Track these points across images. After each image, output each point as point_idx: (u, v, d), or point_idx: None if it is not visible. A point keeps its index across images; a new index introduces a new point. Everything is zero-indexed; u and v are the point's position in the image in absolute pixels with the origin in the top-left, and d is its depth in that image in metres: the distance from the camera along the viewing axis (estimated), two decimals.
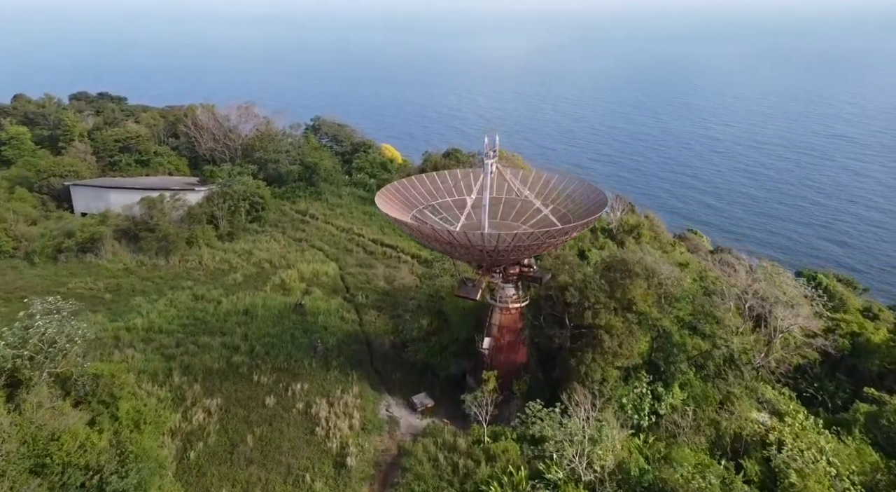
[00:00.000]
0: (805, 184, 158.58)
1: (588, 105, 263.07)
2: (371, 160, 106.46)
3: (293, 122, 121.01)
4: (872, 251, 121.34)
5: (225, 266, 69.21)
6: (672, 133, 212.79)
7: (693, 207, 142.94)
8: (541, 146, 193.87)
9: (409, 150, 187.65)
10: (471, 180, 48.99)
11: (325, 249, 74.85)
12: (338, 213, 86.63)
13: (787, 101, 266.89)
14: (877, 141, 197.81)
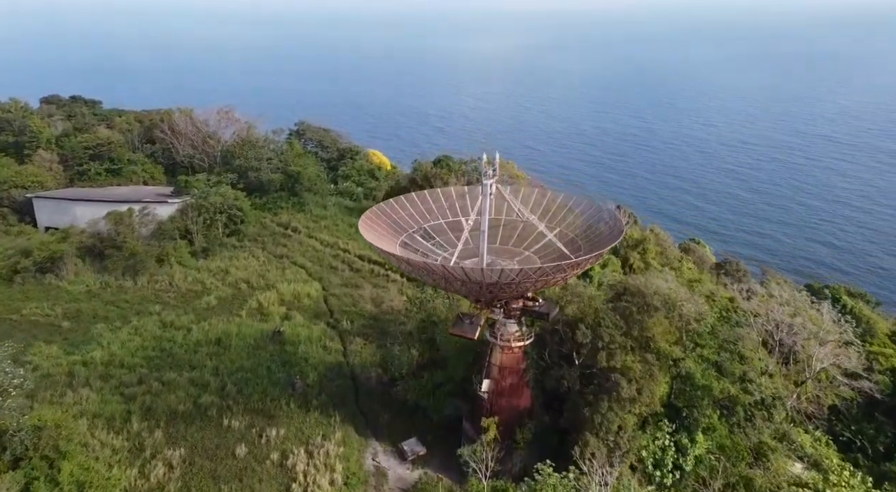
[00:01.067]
0: (791, 184, 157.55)
1: (573, 105, 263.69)
2: (358, 167, 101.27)
3: (276, 126, 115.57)
4: (859, 252, 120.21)
5: (198, 287, 63.65)
6: (657, 133, 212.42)
7: (679, 208, 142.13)
8: (526, 147, 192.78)
9: (397, 152, 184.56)
10: (466, 200, 43.91)
11: (308, 267, 69.49)
12: (322, 225, 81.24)
13: (772, 101, 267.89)
14: (862, 141, 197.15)
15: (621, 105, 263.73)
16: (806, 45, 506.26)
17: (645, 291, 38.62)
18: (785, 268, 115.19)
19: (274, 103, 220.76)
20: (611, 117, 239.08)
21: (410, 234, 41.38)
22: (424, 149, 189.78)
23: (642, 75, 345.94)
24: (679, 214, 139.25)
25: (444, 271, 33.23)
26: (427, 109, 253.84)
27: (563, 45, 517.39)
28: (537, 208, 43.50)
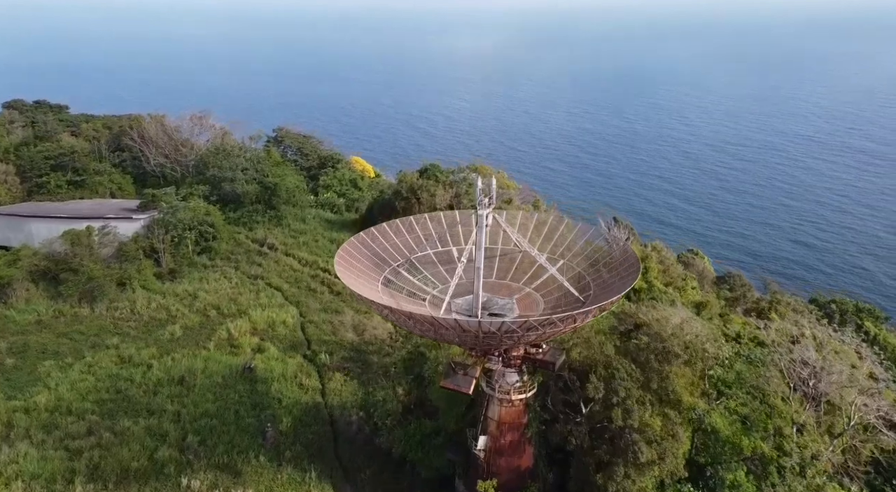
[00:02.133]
0: (772, 184, 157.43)
1: (554, 105, 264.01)
2: (340, 177, 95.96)
3: (254, 132, 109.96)
4: (840, 252, 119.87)
5: (162, 315, 58.06)
6: (639, 134, 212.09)
7: (660, 209, 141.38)
8: (509, 147, 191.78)
9: (380, 155, 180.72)
10: (458, 227, 39.01)
11: (285, 289, 64.16)
12: (301, 242, 75.84)
13: (751, 101, 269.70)
14: (839, 141, 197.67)
15: (602, 104, 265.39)
16: (784, 44, 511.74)
17: (662, 333, 33.87)
18: (770, 270, 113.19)
19: (251, 108, 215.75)
20: (592, 117, 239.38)
21: (395, 268, 36.35)
22: (408, 151, 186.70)
23: (623, 74, 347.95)
24: (661, 214, 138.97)
25: (435, 321, 28.23)
26: (410, 110, 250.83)
27: (540, 44, 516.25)
28: (536, 236, 38.71)
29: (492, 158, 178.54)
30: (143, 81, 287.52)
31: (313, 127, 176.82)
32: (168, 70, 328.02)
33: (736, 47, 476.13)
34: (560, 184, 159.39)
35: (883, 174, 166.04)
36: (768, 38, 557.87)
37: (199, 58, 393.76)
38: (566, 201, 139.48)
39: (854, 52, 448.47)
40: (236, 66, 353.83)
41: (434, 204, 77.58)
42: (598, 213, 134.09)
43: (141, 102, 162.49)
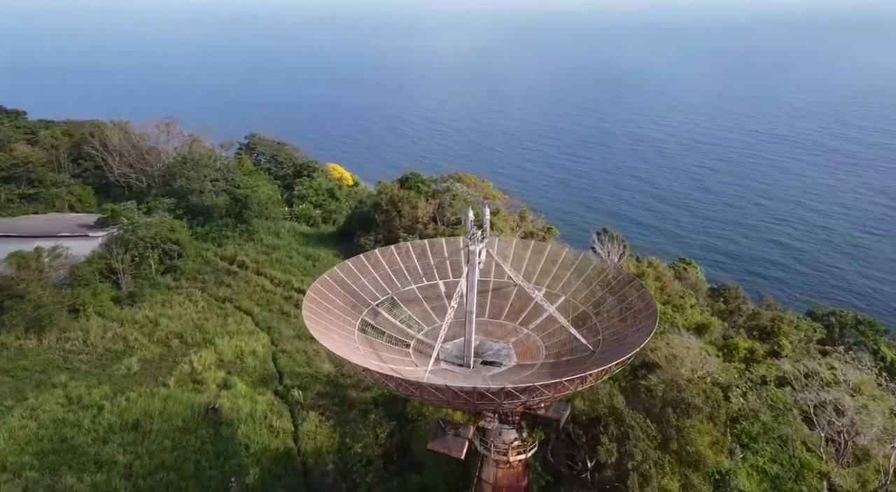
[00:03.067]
0: (745, 184, 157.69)
1: (530, 105, 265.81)
2: (316, 186, 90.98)
3: (225, 139, 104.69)
4: (814, 252, 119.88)
5: (119, 345, 52.84)
6: (614, 134, 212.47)
7: (638, 210, 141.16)
8: (487, 148, 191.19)
9: (359, 159, 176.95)
10: (445, 258, 34.62)
11: (255, 313, 59.23)
12: (274, 259, 70.85)
13: (725, 101, 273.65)
14: (811, 140, 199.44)
15: (578, 104, 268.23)
16: (759, 44, 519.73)
17: (678, 380, 29.79)
18: (747, 269, 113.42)
19: (223, 112, 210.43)
20: (568, 117, 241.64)
21: (374, 307, 31.83)
22: (385, 155, 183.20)
23: (599, 75, 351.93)
24: (638, 215, 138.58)
25: (421, 386, 23.79)
26: (387, 111, 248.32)
27: (517, 45, 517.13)
28: (533, 266, 34.47)
29: (468, 160, 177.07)
30: (110, 83, 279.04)
31: (288, 132, 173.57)
32: (136, 71, 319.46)
33: (712, 47, 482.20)
34: (537, 185, 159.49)
35: (854, 173, 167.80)
36: (744, 38, 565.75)
37: (168, 58, 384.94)
38: (551, 209, 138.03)
39: (826, 50, 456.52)
40: (207, 67, 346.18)
41: (416, 216, 73.24)
42: (587, 224, 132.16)
43: (108, 106, 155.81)
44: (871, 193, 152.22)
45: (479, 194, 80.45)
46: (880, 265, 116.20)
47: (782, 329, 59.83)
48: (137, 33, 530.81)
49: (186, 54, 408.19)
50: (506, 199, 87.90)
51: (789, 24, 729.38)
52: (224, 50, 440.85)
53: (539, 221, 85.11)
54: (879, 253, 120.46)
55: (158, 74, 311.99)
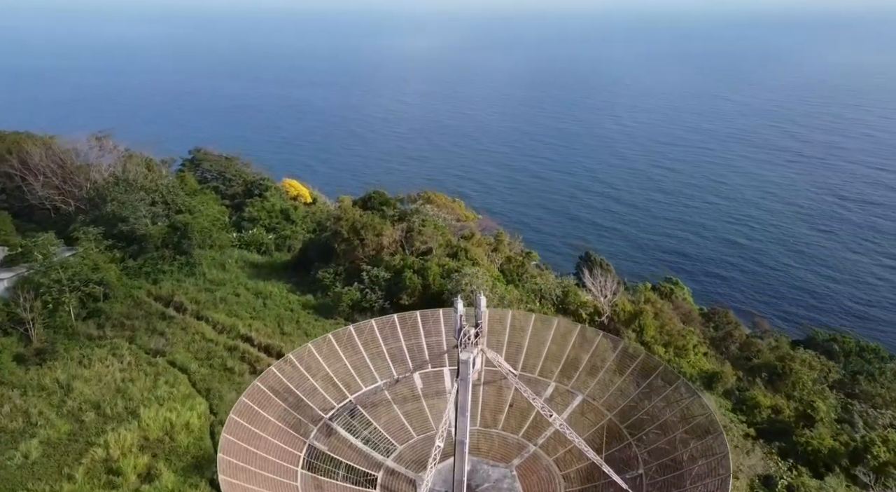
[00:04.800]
0: (700, 184, 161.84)
1: (490, 107, 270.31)
2: (269, 208, 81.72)
3: (167, 154, 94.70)
4: (770, 252, 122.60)
5: (17, 423, 43.09)
6: (575, 135, 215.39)
7: (599, 212, 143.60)
8: (446, 150, 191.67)
9: (314, 164, 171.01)
10: (421, 337, 26.52)
11: (192, 371, 50.04)
12: (218, 297, 61.53)
13: (685, 100, 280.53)
14: (764, 139, 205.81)
15: (540, 106, 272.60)
16: (717, 44, 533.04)
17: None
18: (705, 271, 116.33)
19: (167, 121, 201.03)
20: (528, 119, 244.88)
21: (327, 422, 23.51)
22: (344, 159, 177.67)
23: (561, 76, 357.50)
24: (598, 216, 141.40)
25: None
26: (345, 112, 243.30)
27: (481, 46, 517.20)
28: (536, 351, 26.57)
29: (429, 163, 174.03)
30: (40, 88, 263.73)
31: (238, 137, 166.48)
32: (71, 73, 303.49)
33: (674, 48, 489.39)
34: (498, 189, 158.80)
35: (804, 171, 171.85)
36: (703, 38, 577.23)
37: (110, 59, 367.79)
38: (511, 213, 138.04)
39: (782, 49, 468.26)
40: (153, 70, 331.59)
41: (381, 245, 64.87)
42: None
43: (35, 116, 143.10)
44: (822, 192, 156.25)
45: (451, 217, 72.48)
46: (834, 264, 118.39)
47: (794, 369, 53.41)
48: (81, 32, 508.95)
49: (132, 55, 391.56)
50: (479, 220, 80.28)
51: (746, 24, 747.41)
52: (175, 50, 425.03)
53: (516, 243, 77.67)
54: (832, 252, 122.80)
55: (95, 77, 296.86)
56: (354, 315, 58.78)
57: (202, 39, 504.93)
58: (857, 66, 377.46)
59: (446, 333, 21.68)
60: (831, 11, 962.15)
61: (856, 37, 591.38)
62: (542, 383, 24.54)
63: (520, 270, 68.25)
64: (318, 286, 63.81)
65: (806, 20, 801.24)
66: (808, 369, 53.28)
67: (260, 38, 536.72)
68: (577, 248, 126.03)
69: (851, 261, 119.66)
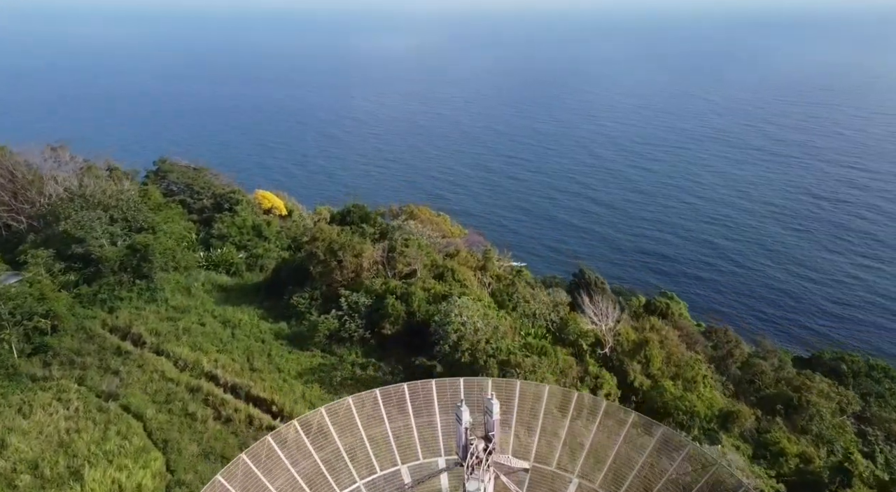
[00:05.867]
0: (676, 184, 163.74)
1: (469, 106, 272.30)
2: (240, 223, 75.99)
3: (130, 165, 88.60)
4: (745, 252, 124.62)
5: None
6: (550, 134, 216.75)
7: (577, 213, 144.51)
8: (423, 152, 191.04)
9: (289, 168, 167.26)
10: (411, 423, 21.44)
11: (148, 418, 44.46)
12: (181, 328, 55.84)
13: (660, 99, 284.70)
14: (739, 139, 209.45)
15: (516, 106, 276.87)
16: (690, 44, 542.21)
17: None
18: (685, 273, 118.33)
19: (129, 128, 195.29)
20: (505, 119, 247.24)
21: None
22: (324, 168, 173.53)
23: (537, 76, 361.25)
24: (573, 217, 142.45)
25: None
26: (317, 113, 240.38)
27: (458, 46, 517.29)
28: (554, 432, 21.67)
29: (405, 165, 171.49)
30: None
31: (208, 147, 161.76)
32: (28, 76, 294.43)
33: (649, 47, 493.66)
34: (475, 191, 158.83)
35: (778, 171, 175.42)
36: (682, 38, 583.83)
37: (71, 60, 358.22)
38: (487, 215, 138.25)
39: (756, 50, 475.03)
40: (118, 72, 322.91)
41: (360, 267, 59.68)
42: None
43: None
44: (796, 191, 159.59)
45: (436, 234, 67.50)
46: (809, 264, 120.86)
47: (811, 401, 49.28)
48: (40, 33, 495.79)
49: (95, 56, 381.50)
50: (466, 235, 75.43)
51: (723, 25, 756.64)
52: (143, 51, 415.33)
53: (505, 259, 72.93)
54: (807, 252, 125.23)
55: (53, 81, 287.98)
56: (332, 346, 53.72)
57: (172, 40, 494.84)
58: (829, 65, 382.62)
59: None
60: (806, 11, 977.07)
61: (829, 37, 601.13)
62: (562, 478, 19.77)
63: (510, 289, 63.63)
64: (292, 312, 58.49)
65: (780, 20, 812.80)
66: (826, 401, 49.24)
67: (232, 38, 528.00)
68: (556, 250, 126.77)
69: (828, 261, 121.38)
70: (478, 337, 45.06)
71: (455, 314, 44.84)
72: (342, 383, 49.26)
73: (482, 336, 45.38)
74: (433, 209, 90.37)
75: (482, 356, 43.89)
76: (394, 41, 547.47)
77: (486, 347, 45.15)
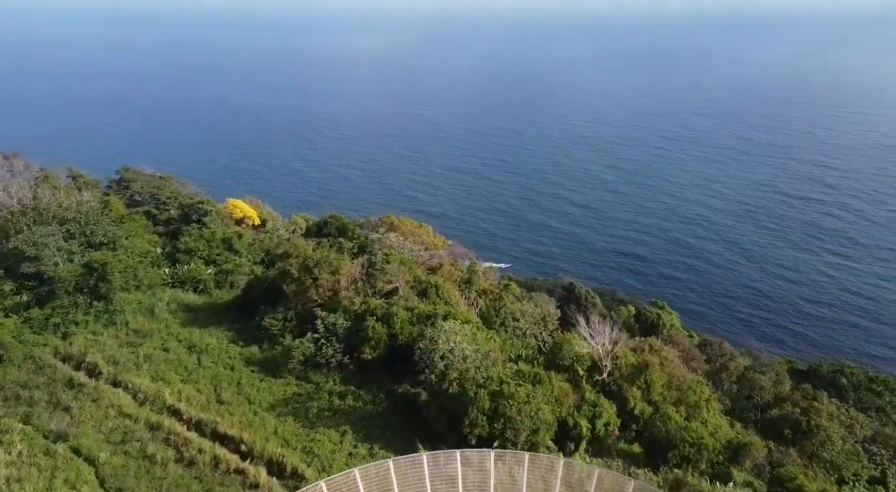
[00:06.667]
0: (648, 184, 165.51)
1: (444, 107, 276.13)
2: (209, 236, 71.34)
3: (93, 174, 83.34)
4: (717, 252, 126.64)
5: None
6: (523, 134, 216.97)
7: (554, 214, 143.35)
8: (398, 154, 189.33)
9: (261, 170, 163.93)
10: None
11: (101, 462, 39.97)
12: (142, 355, 51.25)
13: (631, 99, 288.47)
14: (710, 139, 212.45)
15: (491, 107, 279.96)
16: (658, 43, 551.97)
17: None
18: (662, 274, 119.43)
19: (92, 134, 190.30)
20: (480, 120, 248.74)
21: None
22: (297, 171, 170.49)
23: (508, 76, 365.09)
24: (553, 218, 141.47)
25: None
26: (293, 115, 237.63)
27: (430, 46, 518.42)
28: None
29: (379, 167, 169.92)
30: None
31: (176, 151, 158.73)
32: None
33: (623, 47, 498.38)
34: (449, 192, 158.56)
35: (749, 169, 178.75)
36: (649, 37, 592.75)
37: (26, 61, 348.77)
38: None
39: (719, 47, 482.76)
40: (76, 74, 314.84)
41: (337, 284, 55.64)
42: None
43: None
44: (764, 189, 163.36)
45: (418, 247, 63.65)
46: (783, 262, 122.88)
47: (821, 425, 46.44)
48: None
49: (54, 57, 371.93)
50: (449, 246, 71.73)
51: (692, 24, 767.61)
52: (106, 53, 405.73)
53: (491, 270, 69.39)
54: (780, 251, 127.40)
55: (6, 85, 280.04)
56: (308, 372, 49.60)
57: (137, 40, 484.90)
58: (795, 65, 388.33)
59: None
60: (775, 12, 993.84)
61: (795, 37, 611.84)
62: None
63: (497, 304, 60.10)
64: (264, 335, 54.22)
65: (748, 21, 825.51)
66: (838, 425, 46.48)
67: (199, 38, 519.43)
68: (534, 252, 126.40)
69: (802, 260, 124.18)
70: (466, 365, 41.29)
71: (442, 341, 41.02)
72: (319, 415, 45.24)
73: (471, 364, 41.65)
74: (412, 216, 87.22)
75: (472, 387, 40.18)
76: (370, 41, 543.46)
77: (475, 375, 41.43)
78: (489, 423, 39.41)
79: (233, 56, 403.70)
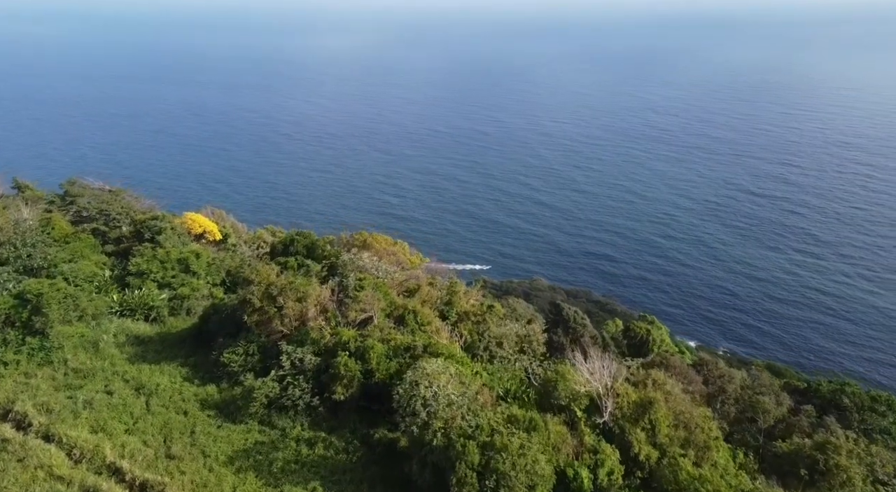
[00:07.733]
0: (617, 184, 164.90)
1: (410, 107, 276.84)
2: (162, 256, 65.02)
3: (38, 186, 76.26)
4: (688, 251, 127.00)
5: None
6: (490, 135, 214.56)
7: (522, 215, 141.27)
8: (365, 155, 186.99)
9: (227, 180, 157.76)
10: None
11: None
12: (81, 400, 45.02)
13: (600, 98, 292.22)
14: (679, 139, 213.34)
15: (457, 107, 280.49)
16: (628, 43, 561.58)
17: None
18: (631, 275, 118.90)
19: (35, 141, 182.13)
20: (446, 121, 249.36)
21: None
22: (261, 174, 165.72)
23: (475, 76, 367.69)
24: (523, 220, 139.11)
25: None
26: (255, 116, 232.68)
27: (400, 45, 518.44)
28: None
29: (346, 170, 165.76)
30: None
31: (129, 155, 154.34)
32: None
33: (589, 47, 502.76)
34: (417, 194, 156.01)
35: (715, 168, 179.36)
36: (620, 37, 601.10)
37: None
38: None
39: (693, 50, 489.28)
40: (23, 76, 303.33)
41: (304, 313, 50.13)
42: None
43: None
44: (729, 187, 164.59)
45: (394, 268, 58.38)
46: (748, 261, 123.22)
47: (840, 465, 42.58)
48: None
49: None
50: (426, 262, 66.63)
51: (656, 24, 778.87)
52: (57, 52, 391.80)
53: (474, 292, 64.57)
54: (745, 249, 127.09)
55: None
56: (272, 416, 44.05)
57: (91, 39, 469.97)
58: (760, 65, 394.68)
59: None
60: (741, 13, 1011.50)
61: (760, 37, 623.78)
62: None
63: (480, 328, 55.29)
64: (223, 372, 48.45)
65: (714, 21, 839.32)
66: (856, 462, 42.69)
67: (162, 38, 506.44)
68: (505, 255, 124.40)
69: (769, 259, 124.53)
70: (452, 412, 36.25)
71: (424, 386, 35.95)
72: (284, 468, 39.78)
73: (457, 410, 36.63)
74: (380, 220, 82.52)
75: (459, 439, 35.12)
76: (337, 41, 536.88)
77: (462, 423, 36.41)
78: (479, 480, 34.53)
79: (201, 57, 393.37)
